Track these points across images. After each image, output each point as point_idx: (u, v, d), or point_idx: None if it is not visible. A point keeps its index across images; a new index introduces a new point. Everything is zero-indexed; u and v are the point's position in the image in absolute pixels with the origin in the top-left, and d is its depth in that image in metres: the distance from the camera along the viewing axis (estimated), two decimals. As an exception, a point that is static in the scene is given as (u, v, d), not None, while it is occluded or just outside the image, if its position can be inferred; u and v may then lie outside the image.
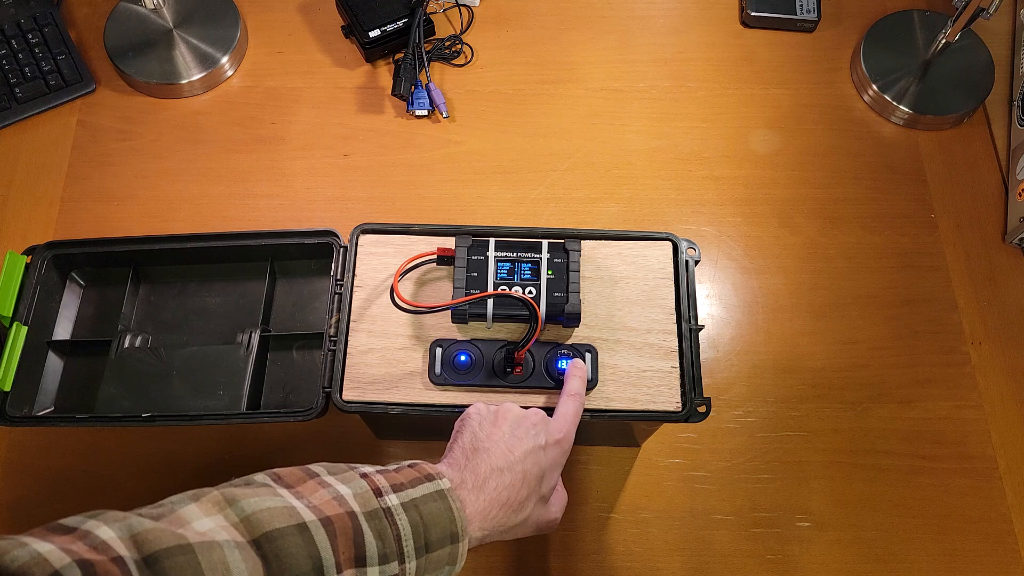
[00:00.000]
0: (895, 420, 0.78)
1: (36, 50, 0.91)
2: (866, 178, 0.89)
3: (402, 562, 0.42)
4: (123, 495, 0.74)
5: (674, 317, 0.61)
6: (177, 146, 0.90)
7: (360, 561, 0.41)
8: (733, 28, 0.98)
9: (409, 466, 0.47)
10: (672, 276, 0.62)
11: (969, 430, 0.77)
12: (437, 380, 0.58)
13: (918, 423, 0.77)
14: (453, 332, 0.60)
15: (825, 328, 0.81)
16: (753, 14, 0.96)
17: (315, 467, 0.45)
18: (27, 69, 0.90)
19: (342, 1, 0.94)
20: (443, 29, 0.97)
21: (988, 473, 0.76)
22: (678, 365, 0.59)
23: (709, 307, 0.83)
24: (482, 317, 0.58)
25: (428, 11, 0.95)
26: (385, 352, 0.59)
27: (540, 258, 0.59)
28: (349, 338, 0.60)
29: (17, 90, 0.90)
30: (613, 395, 0.58)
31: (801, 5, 0.97)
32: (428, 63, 0.92)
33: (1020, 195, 0.85)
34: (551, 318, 0.58)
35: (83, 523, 0.36)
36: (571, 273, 0.59)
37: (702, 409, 0.58)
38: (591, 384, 0.58)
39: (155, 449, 0.76)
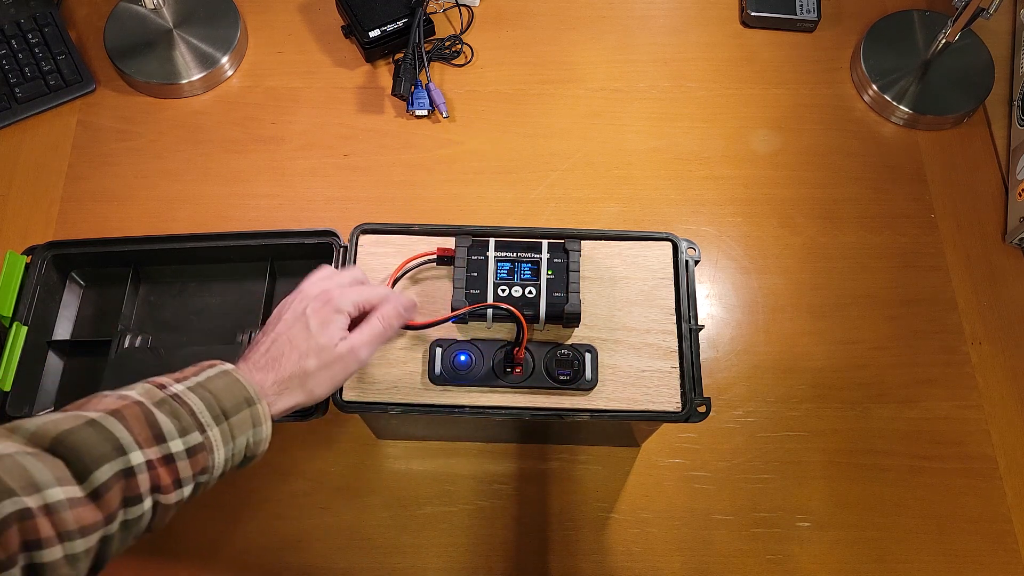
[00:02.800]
0: (895, 420, 0.78)
1: (36, 50, 0.91)
2: (866, 178, 0.89)
3: (203, 431, 0.45)
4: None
5: (674, 317, 0.61)
6: (177, 146, 0.90)
7: (159, 438, 0.43)
8: (733, 28, 0.98)
9: (194, 365, 0.50)
10: (672, 276, 0.62)
11: (969, 430, 0.77)
12: (437, 380, 0.58)
13: (918, 423, 0.77)
14: (453, 332, 0.60)
15: (825, 328, 0.81)
16: (753, 14, 0.96)
17: (106, 391, 0.47)
18: (27, 69, 0.90)
19: (342, 1, 0.94)
20: (443, 29, 0.97)
21: (988, 473, 0.76)
22: (678, 365, 0.59)
23: (709, 307, 0.83)
24: (482, 317, 0.58)
25: (428, 11, 0.95)
26: (385, 352, 0.59)
27: (540, 258, 0.59)
28: (349, 338, 0.60)
29: (17, 90, 0.90)
30: (613, 395, 0.58)
31: (801, 5, 0.97)
32: (428, 63, 0.92)
33: (1020, 195, 0.85)
34: (551, 318, 0.58)
35: None
36: (571, 273, 0.59)
37: (702, 409, 0.58)
38: (590, 384, 0.58)
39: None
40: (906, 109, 0.91)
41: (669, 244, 0.63)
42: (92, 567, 0.41)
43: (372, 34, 0.92)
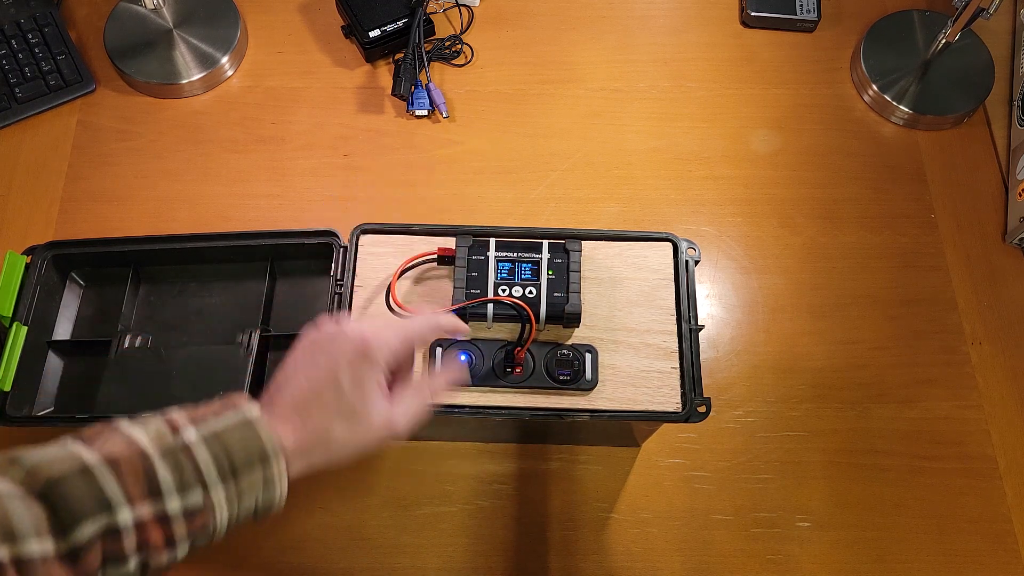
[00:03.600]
0: (895, 420, 0.78)
1: (36, 50, 0.91)
2: (866, 178, 0.89)
3: (206, 490, 0.42)
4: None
5: (674, 317, 0.61)
6: (177, 146, 0.90)
7: (155, 495, 0.40)
8: (733, 28, 0.98)
9: (219, 400, 0.46)
10: (672, 276, 0.62)
11: (969, 430, 0.77)
12: (437, 380, 0.58)
13: (918, 423, 0.77)
14: (453, 332, 0.60)
15: (825, 328, 0.81)
16: (753, 14, 0.96)
17: (118, 420, 0.44)
18: (27, 69, 0.90)
19: (342, 1, 0.94)
20: (443, 29, 0.97)
21: (988, 473, 0.76)
22: (678, 365, 0.59)
23: (709, 307, 0.83)
24: (482, 317, 0.58)
25: (428, 11, 0.95)
26: (385, 352, 0.59)
27: (540, 258, 0.59)
28: (349, 338, 0.60)
29: (17, 90, 0.90)
30: (613, 395, 0.58)
31: (801, 5, 0.97)
32: (428, 63, 0.92)
33: (1020, 195, 0.85)
34: (551, 318, 0.58)
35: None
36: (571, 273, 0.59)
37: (702, 409, 0.58)
38: (590, 384, 0.58)
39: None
40: (906, 109, 0.91)
41: (669, 244, 0.63)
42: None
43: (372, 34, 0.92)
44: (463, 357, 0.58)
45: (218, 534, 0.43)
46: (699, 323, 0.61)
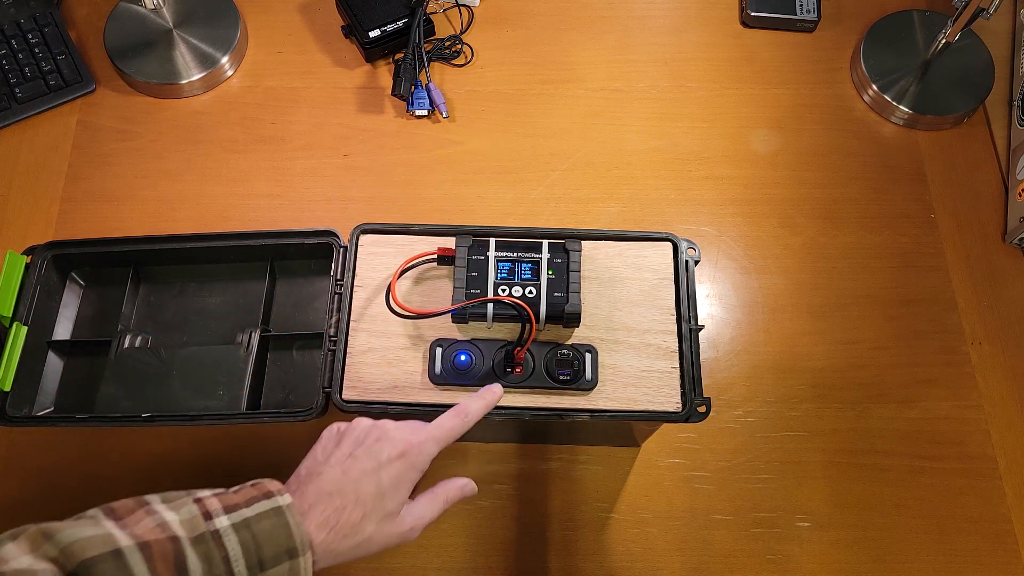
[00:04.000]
0: (895, 420, 0.78)
1: (36, 50, 0.91)
2: (866, 178, 0.89)
3: None
4: (123, 495, 0.74)
5: (674, 317, 0.61)
6: (177, 146, 0.90)
7: None
8: (733, 28, 0.98)
9: (251, 485, 0.46)
10: (672, 276, 0.62)
11: (969, 430, 0.77)
12: (437, 380, 0.58)
13: (918, 423, 0.77)
14: (453, 332, 0.60)
15: (825, 328, 0.81)
16: (753, 14, 0.96)
17: (150, 496, 0.44)
18: (27, 69, 0.90)
19: (342, 1, 0.94)
20: (443, 29, 0.97)
21: (988, 473, 0.76)
22: (678, 365, 0.59)
23: (709, 307, 0.83)
24: (482, 317, 0.58)
25: (428, 11, 0.95)
26: (385, 352, 0.59)
27: (540, 258, 0.59)
28: (349, 338, 0.60)
29: (17, 90, 0.90)
30: (613, 395, 0.58)
31: (801, 5, 0.97)
32: (428, 63, 0.92)
33: (1020, 195, 0.85)
34: (551, 318, 0.58)
35: None
36: (571, 273, 0.59)
37: (702, 409, 0.58)
38: (590, 384, 0.58)
39: (155, 449, 0.76)
40: (906, 109, 0.91)
41: (669, 244, 0.63)
42: None
43: (372, 34, 0.92)
44: (463, 357, 0.58)
45: None
46: (699, 323, 0.61)
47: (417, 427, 0.52)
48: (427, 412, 0.58)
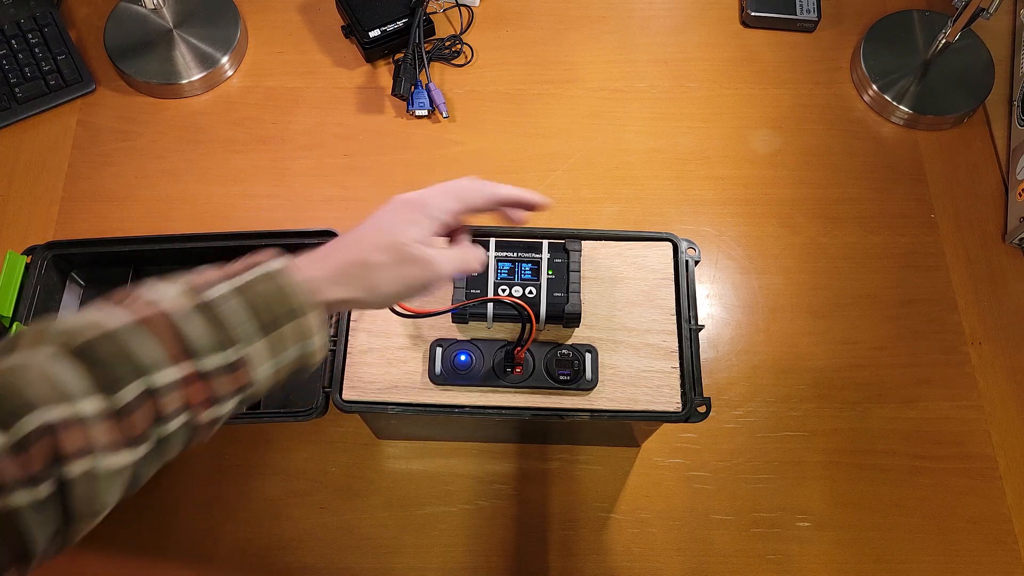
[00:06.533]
0: (895, 420, 0.78)
1: (36, 50, 0.91)
2: (866, 178, 0.89)
3: (239, 347, 0.41)
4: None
5: (674, 317, 0.61)
6: (177, 146, 0.90)
7: (190, 353, 0.40)
8: (733, 28, 0.98)
9: (247, 257, 0.45)
10: (672, 276, 0.62)
11: (969, 430, 0.77)
12: (437, 380, 0.58)
13: (918, 423, 0.77)
14: (453, 332, 0.60)
15: (825, 328, 0.81)
16: (753, 14, 0.96)
17: (145, 283, 0.43)
18: (27, 69, 0.90)
19: (342, 1, 0.94)
20: (443, 29, 0.97)
21: (988, 473, 0.76)
22: (678, 365, 0.59)
23: (709, 307, 0.83)
24: (482, 317, 0.58)
25: (428, 11, 0.95)
26: (385, 352, 0.59)
27: (540, 258, 0.59)
28: (349, 338, 0.60)
29: (17, 90, 0.90)
30: (613, 395, 0.58)
31: (801, 5, 0.97)
32: (428, 63, 0.92)
33: (1020, 195, 0.85)
34: (551, 318, 0.58)
35: None
36: (571, 273, 0.59)
37: (702, 409, 0.58)
38: (590, 384, 0.58)
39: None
40: (906, 109, 0.91)
41: (669, 244, 0.63)
42: (127, 487, 0.39)
43: (372, 34, 0.92)
44: (463, 357, 0.58)
45: (259, 388, 0.43)
46: (699, 323, 0.61)
47: (437, 188, 0.52)
48: (427, 412, 0.58)
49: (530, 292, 0.58)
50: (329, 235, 0.66)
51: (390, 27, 0.92)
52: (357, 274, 0.46)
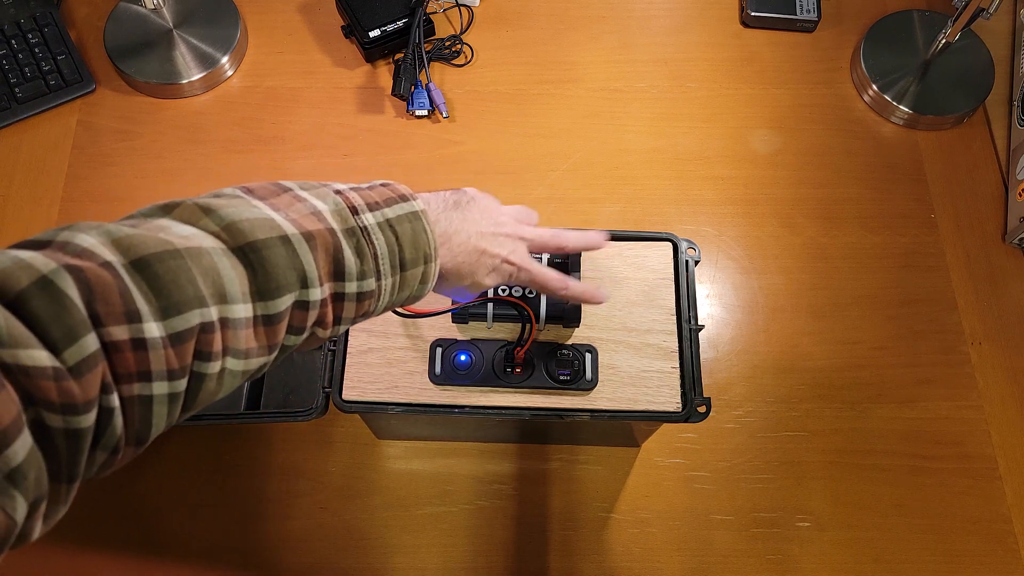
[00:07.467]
0: (895, 420, 0.78)
1: (36, 50, 0.91)
2: (866, 178, 0.89)
3: (379, 279, 0.42)
4: (124, 496, 0.74)
5: (674, 317, 0.61)
6: (177, 146, 0.90)
7: (339, 276, 0.40)
8: (733, 28, 0.98)
9: (382, 185, 0.46)
10: (672, 276, 0.62)
11: (969, 430, 0.77)
12: (437, 380, 0.58)
13: (918, 423, 0.77)
14: (453, 332, 0.60)
15: (825, 328, 0.81)
16: (753, 14, 0.96)
17: (286, 183, 0.43)
18: (27, 69, 0.90)
19: (342, 1, 0.94)
20: (443, 29, 0.97)
21: (988, 473, 0.76)
22: (678, 365, 0.59)
23: (709, 307, 0.83)
24: (482, 317, 0.58)
25: (428, 11, 0.95)
26: (385, 352, 0.59)
27: (541, 258, 0.59)
28: (349, 338, 0.60)
29: (17, 90, 0.90)
30: (613, 395, 0.58)
31: (801, 5, 0.97)
32: (428, 63, 0.92)
33: (1020, 195, 0.85)
34: (551, 318, 0.58)
35: (56, 235, 0.36)
36: (571, 273, 0.59)
37: (702, 409, 0.58)
38: (590, 384, 0.58)
39: (155, 449, 0.75)
40: (906, 109, 0.91)
41: (669, 244, 0.63)
42: (241, 384, 0.40)
43: (372, 34, 0.92)
44: (463, 357, 0.58)
45: (370, 316, 0.44)
46: (699, 323, 0.61)
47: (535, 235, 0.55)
48: (427, 412, 0.58)
49: (530, 292, 0.58)
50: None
51: (390, 27, 0.92)
52: (454, 240, 0.48)
